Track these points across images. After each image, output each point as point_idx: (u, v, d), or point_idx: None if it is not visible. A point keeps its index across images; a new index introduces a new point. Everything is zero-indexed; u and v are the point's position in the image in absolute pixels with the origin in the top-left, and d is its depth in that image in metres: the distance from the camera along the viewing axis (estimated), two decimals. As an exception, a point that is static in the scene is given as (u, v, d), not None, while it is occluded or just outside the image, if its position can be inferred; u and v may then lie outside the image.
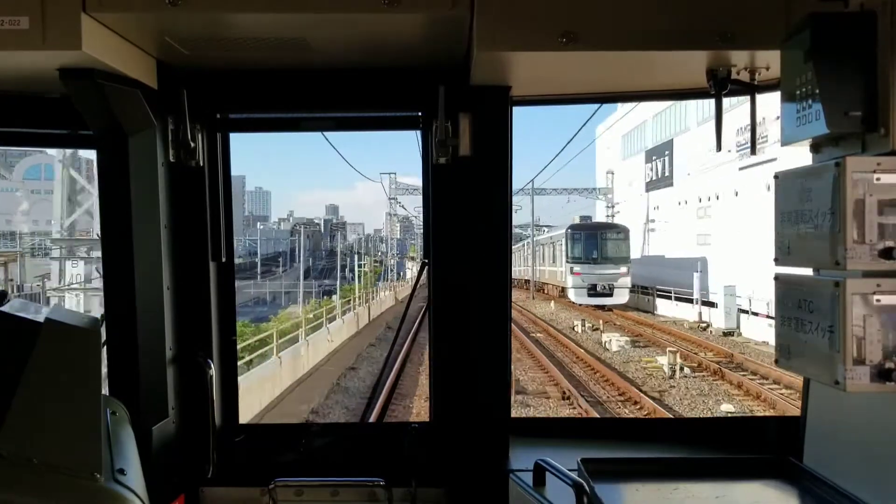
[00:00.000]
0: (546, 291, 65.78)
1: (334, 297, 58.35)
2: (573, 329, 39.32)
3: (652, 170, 64.99)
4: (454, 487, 3.65)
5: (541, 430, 4.02)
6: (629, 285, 51.85)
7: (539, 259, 69.02)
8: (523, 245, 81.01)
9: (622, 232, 53.95)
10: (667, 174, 60.94)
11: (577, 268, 51.98)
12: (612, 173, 75.55)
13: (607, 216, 71.71)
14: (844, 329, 2.22)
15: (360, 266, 75.17)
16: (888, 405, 2.56)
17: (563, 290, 55.65)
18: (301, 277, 71.60)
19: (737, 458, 3.26)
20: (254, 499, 3.73)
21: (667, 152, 60.60)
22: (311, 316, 36.75)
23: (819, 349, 2.34)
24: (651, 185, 65.25)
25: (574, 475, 2.84)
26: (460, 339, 3.63)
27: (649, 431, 4.00)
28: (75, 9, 2.70)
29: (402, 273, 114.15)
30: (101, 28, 2.84)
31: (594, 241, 52.62)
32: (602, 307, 49.67)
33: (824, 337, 2.30)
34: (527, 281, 75.48)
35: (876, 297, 2.23)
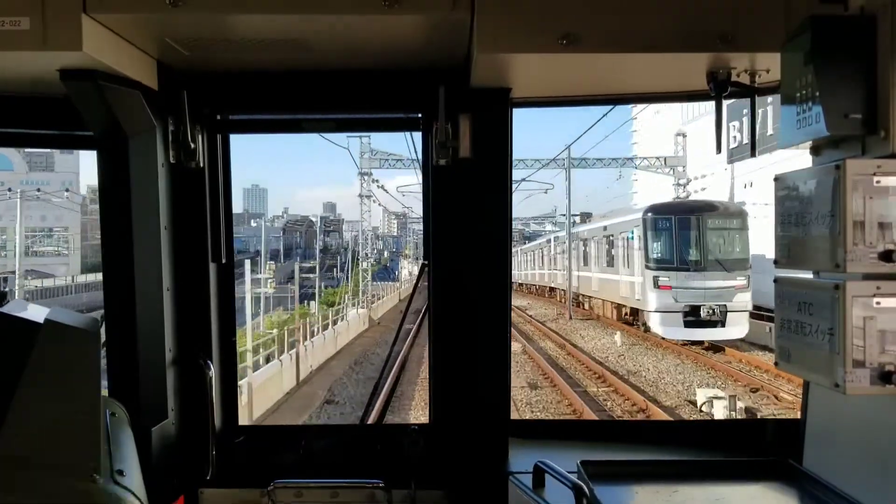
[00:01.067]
0: (589, 307, 44.16)
1: (312, 303, 49.62)
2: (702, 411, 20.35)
3: (739, 130, 40.75)
4: (453, 489, 3.65)
5: (540, 432, 4.01)
6: (749, 307, 30.45)
7: (579, 260, 45.32)
8: (549, 241, 61.77)
9: (736, 215, 31.97)
10: (769, 133, 31.85)
11: (664, 278, 30.77)
12: (684, 136, 47.98)
13: (676, 198, 39.64)
14: (844, 332, 2.22)
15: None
16: (888, 408, 2.56)
17: (633, 313, 34.21)
18: (263, 281, 49.46)
19: (736, 460, 3.25)
20: (253, 500, 3.73)
21: (769, 101, 23.00)
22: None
23: (819, 352, 2.34)
24: (739, 153, 41.26)
25: (573, 477, 2.84)
26: (460, 341, 3.63)
27: (649, 434, 3.99)
28: (76, 9, 2.70)
29: (395, 274, 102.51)
30: (101, 29, 2.84)
31: (692, 231, 31.10)
32: (699, 343, 29.94)
33: (824, 340, 2.30)
34: (552, 290, 60.19)
35: (876, 299, 2.23)
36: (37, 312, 2.55)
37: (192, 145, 3.54)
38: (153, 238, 3.51)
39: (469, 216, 3.55)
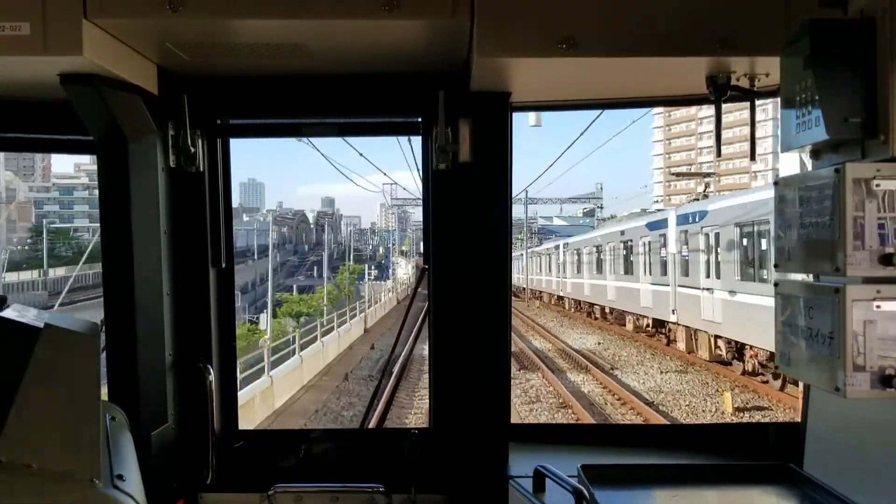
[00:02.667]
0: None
1: (264, 317, 36.01)
2: None
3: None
4: (454, 493, 3.65)
5: (541, 436, 4.01)
6: None
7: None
8: (664, 223, 30.82)
9: None
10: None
11: None
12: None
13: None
14: (844, 335, 2.22)
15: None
16: (889, 412, 2.56)
17: None
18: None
19: (737, 464, 3.25)
20: None
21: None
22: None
23: (819, 356, 2.33)
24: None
25: (574, 481, 2.84)
26: (460, 345, 3.63)
27: (649, 438, 3.99)
28: (76, 14, 2.71)
29: (389, 272, 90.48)
30: (102, 34, 2.84)
31: None
32: None
33: (824, 343, 2.30)
34: (661, 326, 31.29)
35: (876, 303, 2.23)
36: (37, 317, 2.55)
37: (192, 150, 3.55)
38: (153, 242, 3.52)
39: (469, 220, 3.55)
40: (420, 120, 3.69)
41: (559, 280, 57.12)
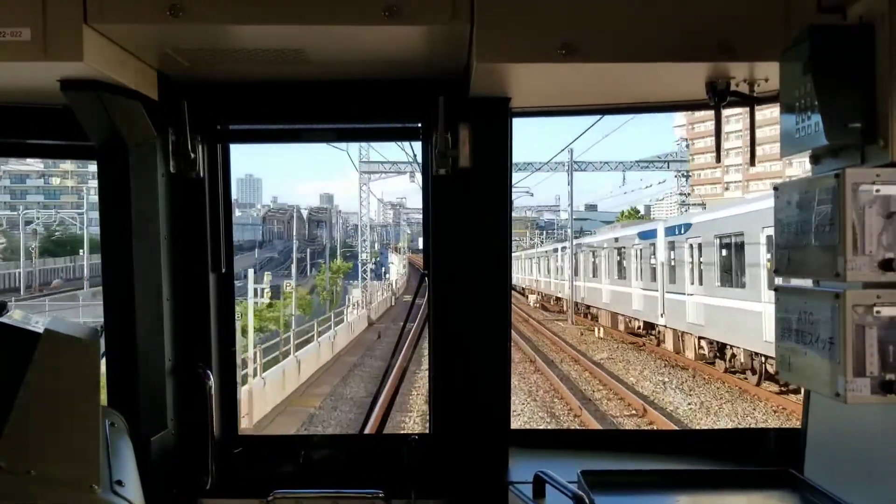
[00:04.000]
0: None
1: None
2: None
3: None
4: (454, 499, 3.64)
5: (541, 442, 4.01)
6: None
7: None
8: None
9: None
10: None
11: None
12: None
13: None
14: (845, 341, 2.22)
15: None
16: (889, 417, 2.55)
17: None
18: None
19: (737, 469, 3.25)
20: None
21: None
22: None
23: (819, 361, 2.33)
24: None
25: (574, 487, 2.83)
26: (460, 350, 3.62)
27: (649, 443, 3.99)
28: (77, 20, 2.71)
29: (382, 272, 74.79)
30: (102, 40, 2.85)
31: None
32: None
33: (825, 349, 2.30)
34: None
35: (876, 308, 2.23)
36: (36, 322, 2.55)
37: (192, 155, 3.54)
38: (153, 248, 3.52)
39: (469, 226, 3.55)
40: (420, 125, 3.70)
41: (657, 297, 30.79)
